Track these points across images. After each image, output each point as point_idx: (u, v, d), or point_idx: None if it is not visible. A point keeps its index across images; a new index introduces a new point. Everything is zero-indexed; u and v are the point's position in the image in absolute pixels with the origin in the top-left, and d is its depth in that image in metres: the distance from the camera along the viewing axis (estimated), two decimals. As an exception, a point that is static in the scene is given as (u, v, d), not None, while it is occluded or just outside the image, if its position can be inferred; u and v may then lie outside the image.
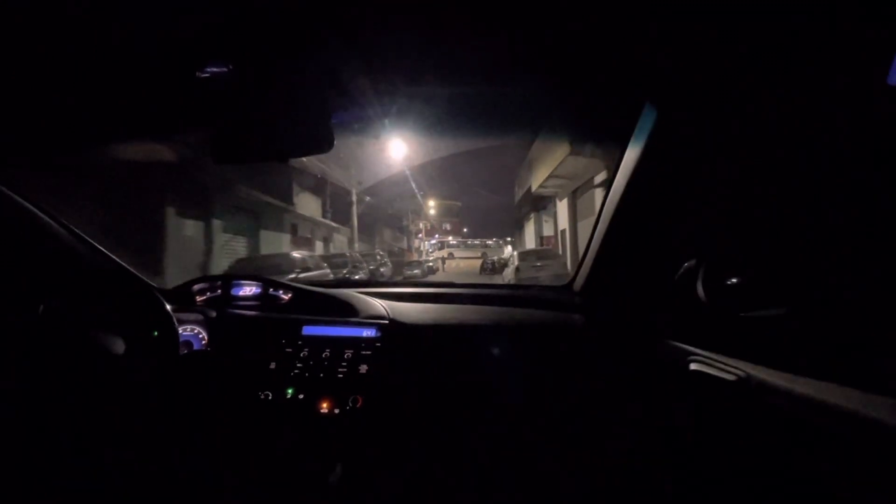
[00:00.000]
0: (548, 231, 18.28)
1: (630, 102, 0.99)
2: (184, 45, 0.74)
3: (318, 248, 15.89)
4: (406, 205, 28.52)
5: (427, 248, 32.05)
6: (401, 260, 20.52)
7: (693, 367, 0.97)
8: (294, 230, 13.95)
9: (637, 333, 1.22)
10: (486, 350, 1.25)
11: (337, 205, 17.05)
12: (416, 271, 16.21)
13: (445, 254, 29.23)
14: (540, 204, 18.01)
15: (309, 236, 15.30)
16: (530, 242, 21.23)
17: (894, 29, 0.59)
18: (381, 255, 14.17)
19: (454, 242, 33.99)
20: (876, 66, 0.61)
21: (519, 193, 20.03)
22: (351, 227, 17.02)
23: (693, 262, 1.00)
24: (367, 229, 22.47)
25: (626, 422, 1.20)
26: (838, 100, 0.71)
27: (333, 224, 17.37)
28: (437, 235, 36.31)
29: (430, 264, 19.61)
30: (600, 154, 7.58)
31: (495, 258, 21.13)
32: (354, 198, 16.79)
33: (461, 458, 1.26)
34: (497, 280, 11.80)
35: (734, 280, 0.90)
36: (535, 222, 20.05)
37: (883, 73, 0.59)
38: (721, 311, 0.93)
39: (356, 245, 16.79)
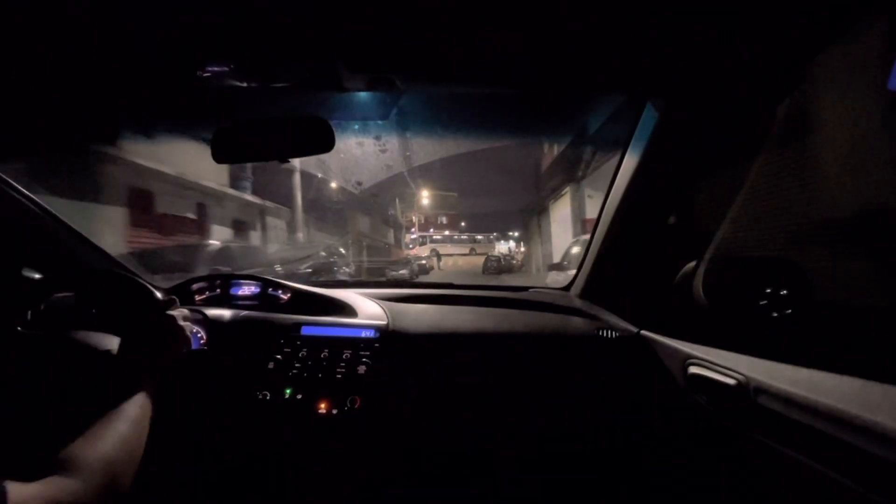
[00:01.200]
0: (593, 212, 10.32)
1: (630, 103, 0.99)
2: (184, 45, 0.74)
3: (224, 235, 10.08)
4: (393, 188, 22.93)
5: (406, 243, 27.86)
6: (384, 262, 16.61)
7: (692, 370, 0.98)
8: (143, 202, 7.86)
9: (636, 335, 1.23)
10: (484, 352, 1.25)
11: (275, 175, 11.34)
12: (402, 271, 13.41)
13: (428, 250, 25.38)
14: (583, 170, 12.11)
15: (193, 217, 9.33)
16: (560, 232, 13.78)
17: (895, 33, 0.60)
18: (327, 254, 9.74)
19: (439, 237, 29.91)
20: (876, 67, 0.62)
21: (549, 157, 14.12)
22: (293, 208, 11.69)
23: (693, 262, 1.01)
24: (333, 215, 16.68)
25: (627, 424, 1.21)
26: (838, 101, 0.72)
27: (255, 200, 11.14)
28: (431, 229, 33.44)
29: (423, 262, 18.12)
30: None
31: (499, 255, 20.45)
32: (297, 163, 10.72)
33: (460, 459, 1.26)
34: (506, 281, 10.35)
35: (734, 280, 0.90)
36: (573, 199, 12.80)
37: (884, 76, 0.60)
38: (720, 312, 0.94)
39: (300, 235, 12.24)
